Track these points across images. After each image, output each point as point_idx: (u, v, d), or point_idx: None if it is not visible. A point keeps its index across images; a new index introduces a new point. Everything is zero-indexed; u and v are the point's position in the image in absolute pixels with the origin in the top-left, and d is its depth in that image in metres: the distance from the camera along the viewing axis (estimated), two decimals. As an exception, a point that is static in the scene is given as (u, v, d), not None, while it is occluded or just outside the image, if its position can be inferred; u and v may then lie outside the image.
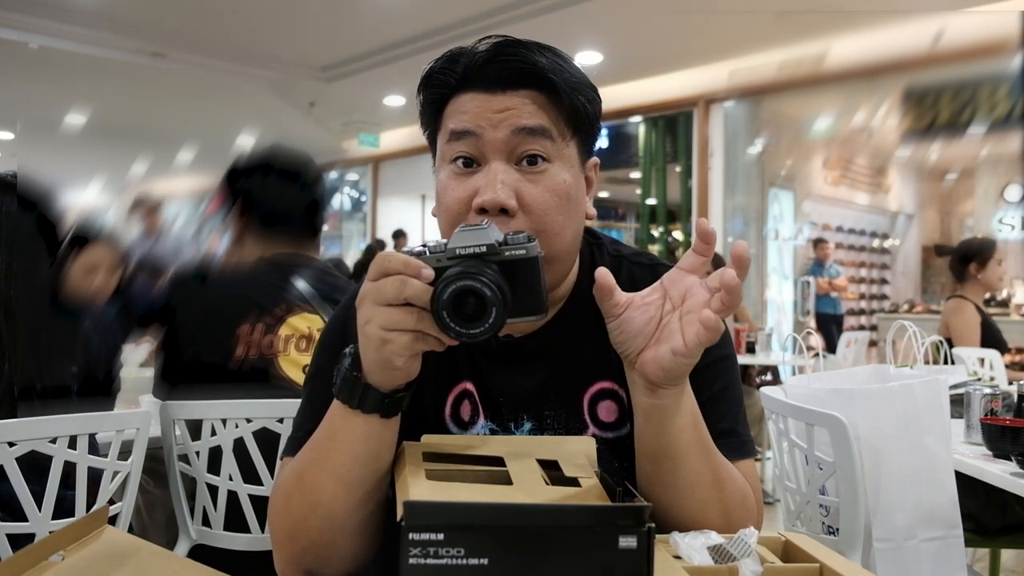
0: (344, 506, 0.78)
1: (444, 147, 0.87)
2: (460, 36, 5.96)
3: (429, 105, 0.90)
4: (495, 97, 0.84)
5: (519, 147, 0.84)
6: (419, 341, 0.71)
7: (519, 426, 0.91)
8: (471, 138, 0.84)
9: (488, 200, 0.81)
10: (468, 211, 0.83)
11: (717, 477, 0.81)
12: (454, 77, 0.86)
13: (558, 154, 0.86)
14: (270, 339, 1.70)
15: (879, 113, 7.84)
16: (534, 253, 0.73)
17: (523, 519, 0.54)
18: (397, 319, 0.70)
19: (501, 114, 0.83)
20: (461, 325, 0.68)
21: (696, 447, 0.80)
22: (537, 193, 0.84)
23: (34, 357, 1.46)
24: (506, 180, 0.82)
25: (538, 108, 0.84)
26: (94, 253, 1.73)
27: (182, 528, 1.67)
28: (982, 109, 7.27)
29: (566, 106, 0.85)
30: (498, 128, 0.83)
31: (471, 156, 0.85)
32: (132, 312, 1.78)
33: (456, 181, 0.85)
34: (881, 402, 1.55)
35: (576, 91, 0.86)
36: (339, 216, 10.97)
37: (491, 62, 0.84)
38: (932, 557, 1.53)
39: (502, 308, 0.68)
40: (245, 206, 1.84)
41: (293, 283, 1.76)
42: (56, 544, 0.68)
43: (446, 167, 0.86)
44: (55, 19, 6.07)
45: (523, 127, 0.83)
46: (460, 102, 0.86)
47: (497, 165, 0.83)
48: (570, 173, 0.87)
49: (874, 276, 10.85)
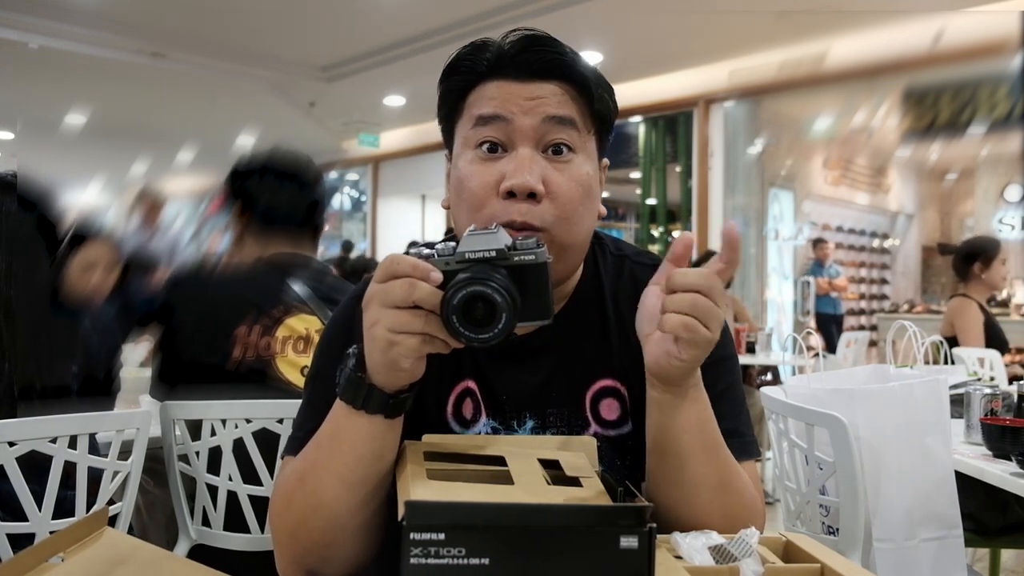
0: (347, 506, 0.78)
1: (468, 132, 0.86)
2: (460, 36, 5.96)
3: (452, 92, 0.89)
4: (524, 86, 0.85)
5: (547, 135, 0.85)
6: (426, 344, 0.71)
7: (521, 424, 0.91)
8: (500, 123, 0.84)
9: (518, 183, 0.81)
10: (494, 196, 0.83)
11: (723, 481, 0.81)
12: (484, 64, 0.87)
13: (582, 146, 0.87)
14: (267, 341, 1.70)
15: (879, 113, 7.84)
16: (543, 259, 0.73)
17: (524, 519, 0.54)
18: (405, 322, 0.70)
19: (531, 101, 0.84)
20: (470, 330, 0.68)
21: (700, 450, 0.80)
22: (563, 181, 0.84)
23: (34, 357, 1.45)
24: (535, 165, 0.83)
25: (568, 99, 0.86)
26: (92, 251, 1.72)
27: (182, 528, 1.67)
28: (982, 109, 7.27)
29: (593, 101, 0.87)
30: (528, 115, 0.84)
31: (498, 141, 0.85)
32: (131, 311, 1.78)
33: (481, 166, 0.85)
34: (881, 402, 1.55)
35: (601, 88, 0.88)
36: (339, 216, 10.96)
37: (524, 51, 0.85)
38: (932, 557, 1.53)
39: (512, 314, 0.68)
40: (245, 206, 1.85)
41: (290, 284, 1.76)
42: (56, 546, 0.68)
43: (468, 153, 0.86)
44: (55, 19, 6.06)
45: (553, 115, 0.84)
46: (486, 89, 0.86)
47: (525, 150, 0.84)
48: (591, 166, 0.88)
49: (874, 276, 10.85)
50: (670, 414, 0.79)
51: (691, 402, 0.79)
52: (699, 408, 0.80)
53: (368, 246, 10.33)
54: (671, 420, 0.79)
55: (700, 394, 0.80)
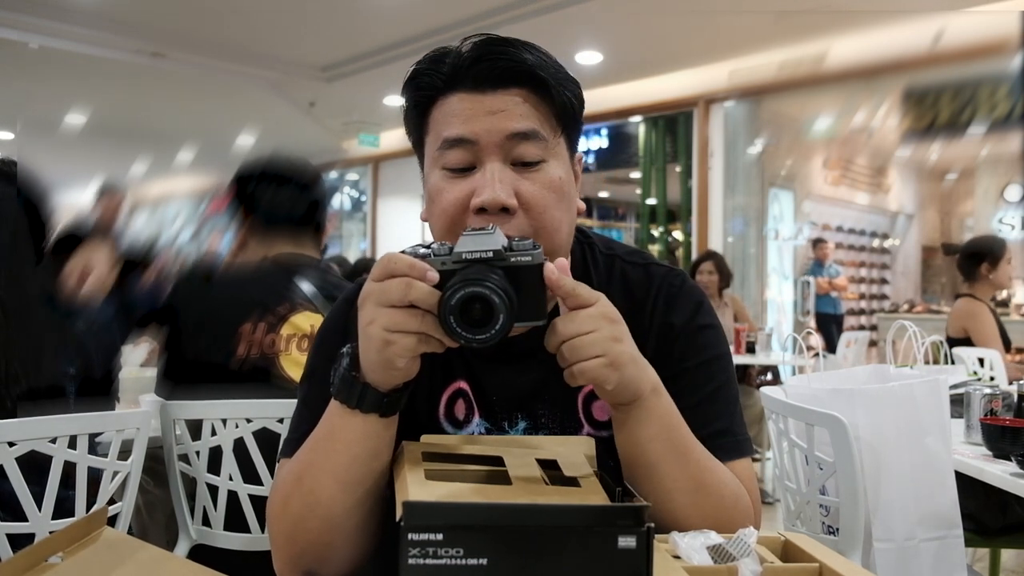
0: (342, 506, 0.78)
1: (436, 153, 0.86)
2: (460, 36, 5.94)
3: (415, 107, 0.89)
4: (485, 97, 0.84)
5: (514, 150, 0.84)
6: (422, 343, 0.71)
7: (513, 425, 0.91)
8: (468, 145, 0.83)
9: (488, 200, 0.81)
10: (465, 212, 0.83)
11: (699, 484, 0.80)
12: (440, 78, 0.86)
13: (551, 152, 0.86)
14: (272, 338, 1.70)
15: (879, 113, 7.83)
16: (540, 260, 0.73)
17: (522, 519, 0.54)
18: (401, 321, 0.70)
19: (494, 116, 0.83)
20: (468, 330, 0.69)
21: (670, 456, 0.79)
22: (535, 190, 0.84)
23: (22, 355, 1.45)
24: (504, 179, 0.82)
25: (530, 107, 0.85)
26: (89, 251, 1.72)
27: (182, 528, 1.67)
28: (982, 109, 7.26)
29: (556, 103, 0.86)
30: (492, 132, 0.83)
31: (466, 164, 0.84)
32: (130, 311, 1.78)
33: (451, 183, 0.85)
34: (881, 402, 1.55)
35: (563, 86, 0.87)
36: (339, 216, 10.95)
37: (479, 61, 0.84)
38: (932, 557, 1.52)
39: (509, 314, 0.69)
40: (248, 209, 1.86)
41: (297, 282, 1.77)
42: (55, 545, 0.68)
43: (438, 171, 0.86)
44: (55, 19, 6.06)
45: (517, 132, 0.83)
46: (448, 104, 0.85)
47: (493, 165, 0.83)
48: (563, 169, 0.87)
49: (874, 276, 10.85)
50: (633, 428, 0.79)
51: (650, 411, 0.78)
52: (661, 415, 0.79)
53: (368, 246, 10.33)
54: (635, 433, 0.79)
55: (660, 401, 0.79)
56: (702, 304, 0.94)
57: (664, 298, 0.93)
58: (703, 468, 0.82)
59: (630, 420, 0.78)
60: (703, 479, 0.81)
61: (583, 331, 0.72)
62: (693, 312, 0.93)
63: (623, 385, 0.75)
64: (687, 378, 0.89)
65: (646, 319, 0.92)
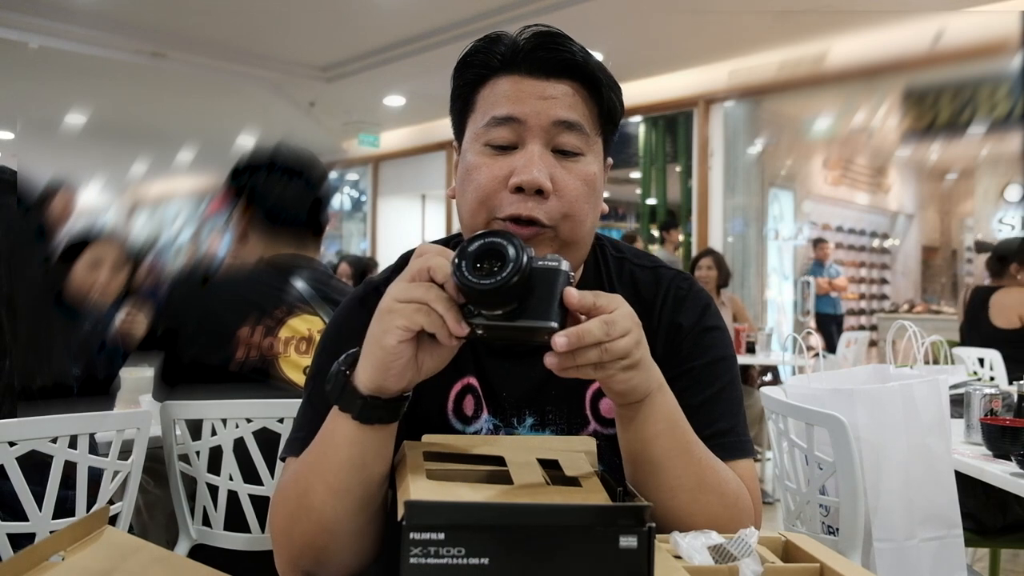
0: (334, 512, 0.78)
1: (480, 129, 0.87)
2: (460, 36, 5.96)
3: (466, 86, 0.90)
4: (537, 83, 0.86)
5: (557, 137, 0.86)
6: (420, 313, 0.71)
7: (521, 421, 0.92)
8: (513, 124, 0.85)
9: (527, 179, 0.82)
10: (502, 189, 0.84)
11: (701, 482, 0.81)
12: (497, 59, 0.87)
13: (589, 148, 0.88)
14: (270, 341, 1.70)
15: (879, 113, 7.84)
16: (564, 267, 0.72)
17: (524, 519, 0.54)
18: (408, 288, 0.72)
19: (544, 101, 0.85)
20: (474, 274, 0.68)
21: (674, 453, 0.79)
22: (570, 179, 0.85)
23: (33, 353, 1.45)
24: (545, 162, 0.84)
25: (579, 101, 0.87)
26: (98, 251, 1.72)
27: (182, 528, 1.67)
28: (982, 109, 7.27)
29: (603, 103, 0.88)
30: (540, 116, 0.85)
31: (510, 141, 0.86)
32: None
33: (491, 159, 0.86)
34: (881, 402, 1.55)
35: (612, 90, 0.90)
36: (339, 216, 10.96)
37: (538, 48, 0.86)
38: (932, 557, 1.52)
39: (518, 264, 0.68)
40: (250, 201, 1.83)
41: (292, 284, 1.76)
42: (56, 545, 0.68)
43: (479, 146, 0.87)
44: (55, 19, 6.06)
45: (564, 120, 0.85)
46: (500, 84, 0.87)
47: (535, 147, 0.85)
48: (597, 166, 0.89)
49: (874, 276, 10.86)
50: (639, 425, 0.79)
51: (655, 408, 0.78)
52: (666, 412, 0.79)
53: (368, 246, 10.33)
54: (640, 430, 0.79)
55: (664, 398, 0.79)
56: (709, 306, 0.96)
57: (673, 300, 0.94)
58: (706, 466, 0.82)
59: (636, 417, 0.78)
60: (706, 477, 0.81)
61: (614, 335, 0.71)
62: (701, 314, 0.94)
63: (634, 385, 0.75)
64: (692, 378, 0.90)
65: (654, 320, 0.93)
